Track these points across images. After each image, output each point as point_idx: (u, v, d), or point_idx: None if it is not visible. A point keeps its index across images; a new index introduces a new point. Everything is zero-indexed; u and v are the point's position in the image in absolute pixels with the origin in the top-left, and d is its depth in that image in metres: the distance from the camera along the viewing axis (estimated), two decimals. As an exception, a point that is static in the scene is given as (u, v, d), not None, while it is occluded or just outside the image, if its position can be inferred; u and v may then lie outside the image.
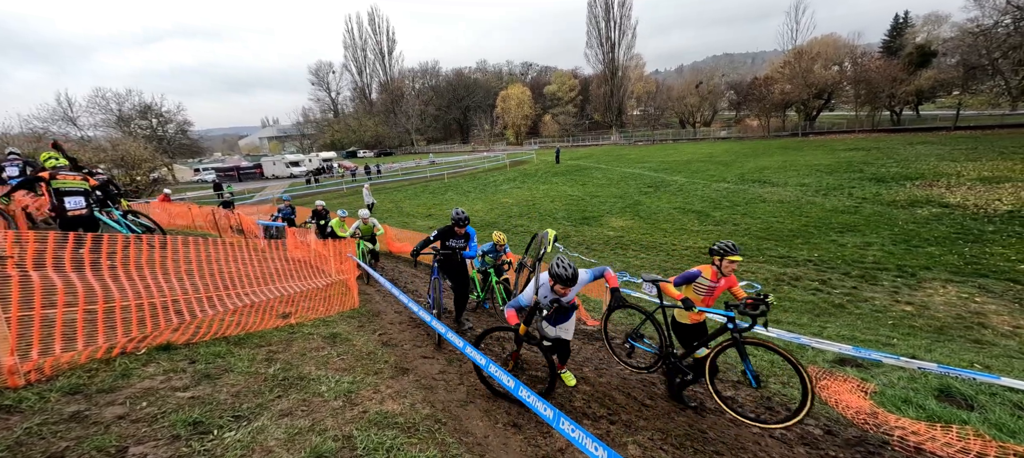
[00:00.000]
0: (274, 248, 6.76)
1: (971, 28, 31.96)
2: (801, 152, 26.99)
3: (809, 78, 39.23)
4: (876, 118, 38.50)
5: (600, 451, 1.43)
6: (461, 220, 5.06)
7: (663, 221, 14.26)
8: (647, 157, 32.94)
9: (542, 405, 1.73)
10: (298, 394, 2.88)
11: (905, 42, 40.99)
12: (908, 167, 18.42)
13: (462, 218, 5.08)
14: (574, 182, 24.07)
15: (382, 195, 25.72)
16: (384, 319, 5.57)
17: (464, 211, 5.13)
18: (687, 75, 66.52)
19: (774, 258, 10.09)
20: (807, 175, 19.05)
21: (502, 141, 67.96)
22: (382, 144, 71.14)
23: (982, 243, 9.63)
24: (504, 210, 18.35)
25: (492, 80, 78.01)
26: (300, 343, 3.95)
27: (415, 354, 4.13)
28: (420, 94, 76.30)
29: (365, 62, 75.46)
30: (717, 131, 49.27)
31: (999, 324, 6.43)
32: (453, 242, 5.27)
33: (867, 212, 12.80)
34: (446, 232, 5.24)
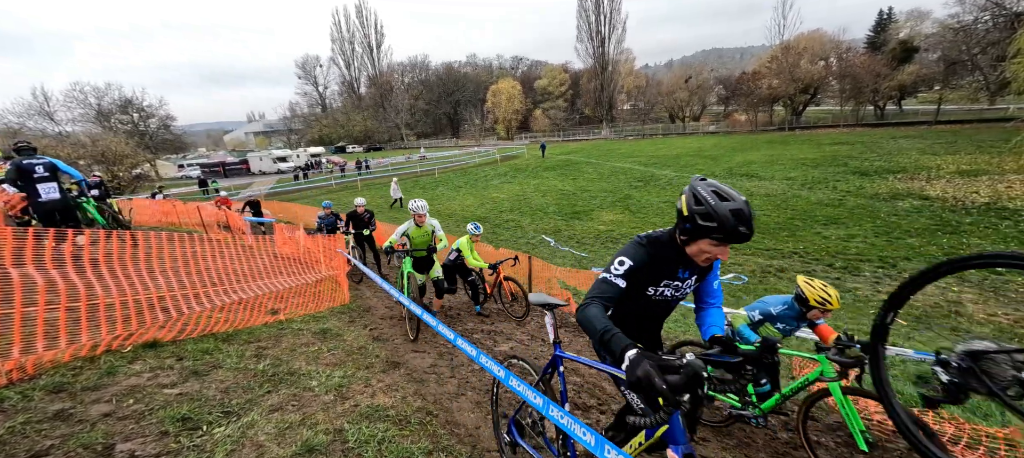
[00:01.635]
0: (262, 244, 6.68)
1: (952, 24, 32.66)
2: (787, 146, 27.40)
3: (795, 73, 39.76)
4: (860, 113, 39.25)
5: (588, 436, 1.46)
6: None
7: (653, 215, 14.40)
8: (637, 151, 33.15)
9: (532, 394, 1.76)
10: (289, 389, 2.87)
11: (889, 38, 41.73)
12: (891, 161, 18.83)
13: None
14: (565, 177, 24.13)
15: (372, 190, 25.50)
16: (375, 314, 5.56)
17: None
18: (676, 70, 66.94)
19: (760, 250, 10.27)
20: (793, 169, 19.37)
21: (493, 136, 67.77)
22: (371, 139, 70.42)
23: (960, 234, 9.92)
24: (495, 205, 18.34)
25: (482, 74, 77.58)
26: (290, 339, 3.93)
27: (406, 348, 4.14)
28: (409, 88, 75.57)
29: (353, 56, 74.52)
30: (706, 126, 49.75)
31: (975, 312, 6.65)
32: None
33: (851, 205, 13.07)
34: None
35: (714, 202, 1.47)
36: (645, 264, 1.64)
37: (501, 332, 5.29)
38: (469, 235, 5.91)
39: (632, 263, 1.62)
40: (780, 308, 2.84)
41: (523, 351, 4.60)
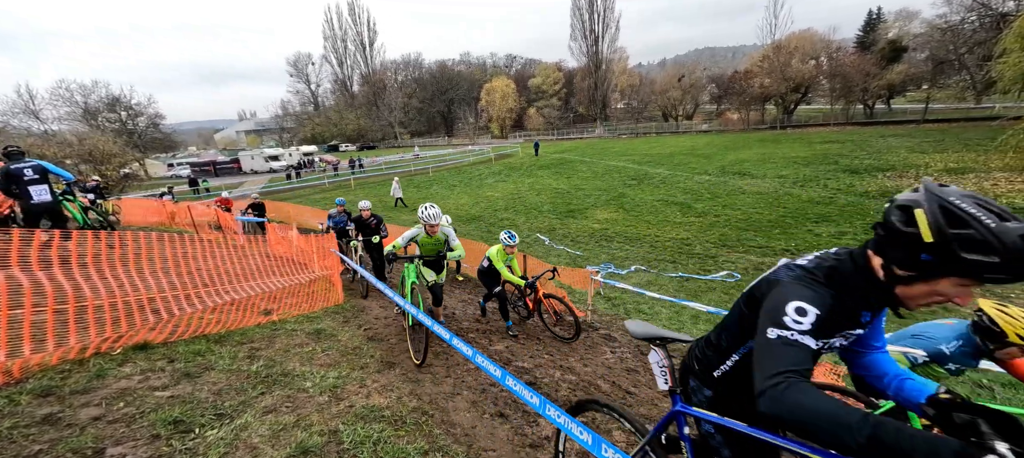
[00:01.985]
0: (254, 244, 6.62)
1: (939, 24, 33.15)
2: (779, 145, 27.66)
3: (787, 72, 40.14)
4: (850, 111, 39.72)
5: (585, 435, 1.46)
6: None
7: (647, 213, 14.46)
8: (631, 150, 33.27)
9: (529, 393, 1.76)
10: (282, 390, 2.85)
11: (878, 37, 42.27)
12: (880, 159, 19.07)
13: None
14: (559, 175, 24.16)
15: (366, 189, 25.35)
16: (369, 314, 5.53)
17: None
18: (669, 68, 67.26)
19: (753, 248, 10.36)
20: (785, 167, 19.55)
21: (487, 134, 67.68)
22: (364, 137, 69.99)
23: (947, 231, 10.07)
24: (489, 203, 18.31)
25: (476, 73, 77.42)
26: (284, 339, 3.89)
27: (401, 348, 4.12)
28: (403, 86, 75.21)
29: (346, 53, 73.96)
30: (699, 124, 50.06)
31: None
32: None
33: (841, 203, 13.23)
34: None
35: (992, 224, 0.94)
36: (830, 310, 1.12)
37: (546, 357, 4.52)
38: (501, 245, 5.11)
39: (818, 312, 1.08)
40: (954, 345, 2.12)
41: (603, 395, 3.58)
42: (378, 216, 7.18)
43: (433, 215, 4.26)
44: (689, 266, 9.55)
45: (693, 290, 7.86)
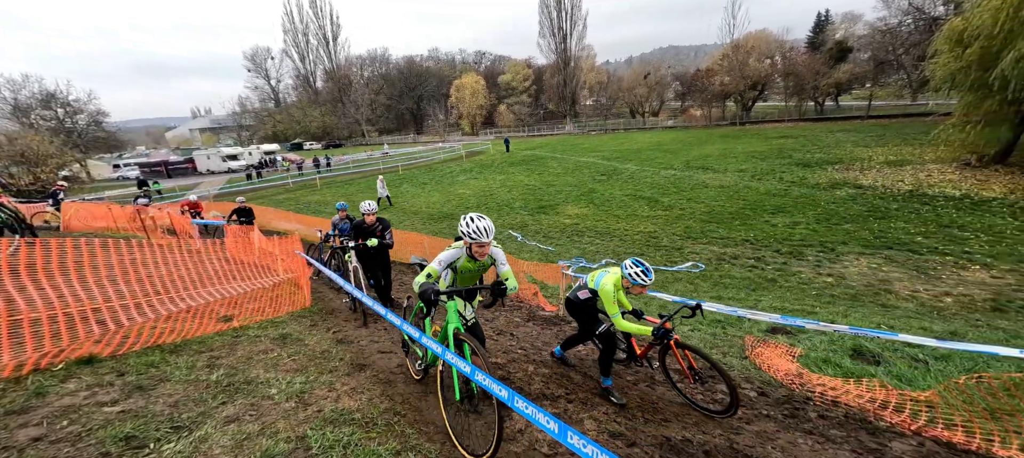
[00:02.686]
0: (212, 248, 6.31)
1: (880, 26, 35.57)
2: (739, 140, 28.92)
3: (745, 70, 41.94)
4: (803, 108, 42.02)
5: (552, 424, 1.49)
6: None
7: (616, 208, 14.80)
8: (600, 146, 33.88)
9: (498, 387, 1.77)
10: (245, 399, 2.74)
11: (826, 38, 44.83)
12: (829, 153, 20.32)
13: None
14: (531, 172, 24.30)
15: (334, 189, 24.59)
16: (339, 316, 5.38)
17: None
18: (636, 66, 68.81)
19: (716, 239, 10.81)
20: (744, 162, 20.48)
21: (457, 131, 67.08)
22: (330, 135, 67.77)
23: (888, 219, 10.89)
24: (461, 201, 18.20)
25: (445, 69, 76.45)
26: (246, 346, 3.74)
27: (372, 349, 4.04)
28: (370, 83, 73.25)
29: (307, 48, 71.15)
30: (664, 120, 51.56)
31: (901, 289, 7.34)
32: None
33: (795, 194, 14.01)
34: None
35: None
36: None
37: (519, 352, 4.21)
38: (619, 276, 3.30)
39: None
40: None
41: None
42: (384, 220, 5.78)
43: (483, 229, 2.76)
44: (656, 258, 9.85)
45: (660, 281, 8.12)
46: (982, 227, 9.77)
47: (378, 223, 5.71)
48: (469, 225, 2.76)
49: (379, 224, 5.71)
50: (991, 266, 7.81)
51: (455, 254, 2.95)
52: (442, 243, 8.58)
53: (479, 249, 2.82)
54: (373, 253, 5.68)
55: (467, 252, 2.89)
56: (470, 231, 2.75)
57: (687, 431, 2.95)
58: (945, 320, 5.95)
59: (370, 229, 5.62)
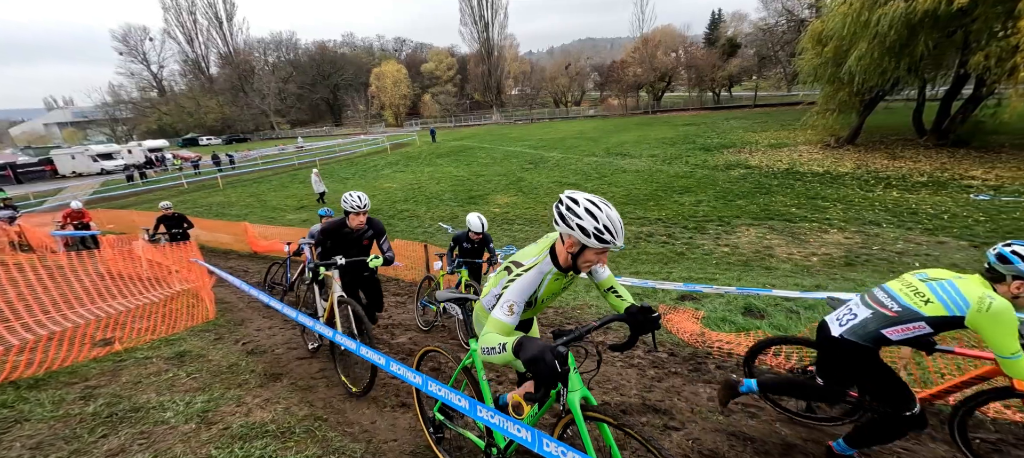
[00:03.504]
0: (81, 263, 5.39)
1: (761, 25, 40.58)
2: (652, 128, 31.33)
3: (654, 63, 45.36)
4: (703, 98, 46.69)
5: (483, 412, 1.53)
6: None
7: (544, 195, 15.27)
8: (527, 135, 34.55)
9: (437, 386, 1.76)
10: (133, 428, 2.41)
11: (720, 35, 50.07)
12: (725, 138, 22.87)
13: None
14: (459, 163, 24.05)
15: (239, 189, 22.15)
16: (250, 326, 4.92)
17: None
18: (557, 57, 71.01)
19: (633, 220, 11.68)
20: (656, 148, 22.27)
21: (380, 122, 63.98)
22: (232, 128, 60.74)
23: (770, 194, 12.61)
24: (387, 195, 17.48)
25: (362, 56, 72.21)
26: (132, 370, 3.27)
27: (289, 357, 3.77)
28: (276, 69, 66.66)
29: (195, 29, 62.62)
30: (586, 110, 54.02)
31: (780, 253, 8.59)
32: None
33: (699, 176, 15.60)
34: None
35: None
36: None
37: (452, 342, 4.27)
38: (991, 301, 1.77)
39: None
40: None
41: None
42: (376, 222, 3.81)
43: (615, 223, 1.53)
44: (582, 241, 10.39)
45: (585, 262, 8.58)
46: (838, 197, 11.73)
47: (369, 228, 3.72)
48: (593, 213, 1.50)
49: (370, 229, 3.74)
50: (844, 229, 9.43)
51: (536, 277, 1.64)
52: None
53: (597, 257, 1.62)
54: (367, 275, 3.99)
55: (558, 265, 1.67)
56: (599, 225, 1.49)
57: (607, 396, 3.19)
58: (812, 276, 7.09)
59: (357, 236, 3.69)
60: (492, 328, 1.51)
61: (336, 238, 3.61)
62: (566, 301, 5.79)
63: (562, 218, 1.53)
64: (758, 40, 42.05)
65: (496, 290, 1.72)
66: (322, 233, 3.61)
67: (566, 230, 1.52)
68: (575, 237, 1.50)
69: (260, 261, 9.12)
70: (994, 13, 12.00)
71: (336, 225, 3.56)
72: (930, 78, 16.47)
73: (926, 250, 7.92)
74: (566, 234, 1.54)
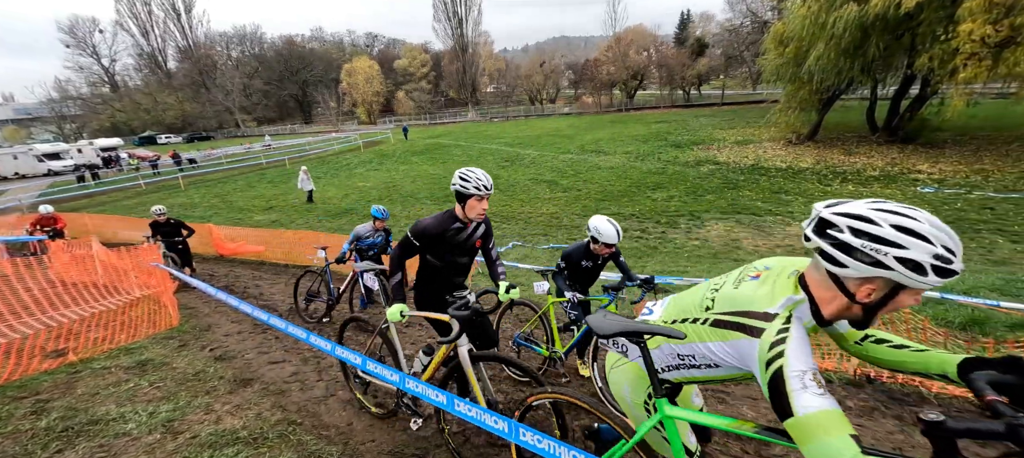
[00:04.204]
0: (28, 270, 5.05)
1: (728, 26, 41.99)
2: (625, 125, 31.92)
3: (626, 61, 46.17)
4: (674, 96, 47.89)
5: (462, 406, 1.54)
6: None
7: (520, 192, 15.32)
8: (502, 133, 34.54)
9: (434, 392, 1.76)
10: (90, 441, 2.29)
11: (689, 35, 51.47)
12: (695, 135, 23.57)
13: None
14: (434, 161, 23.81)
15: (203, 189, 21.18)
16: (218, 331, 4.74)
17: None
18: (532, 54, 71.21)
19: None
20: (629, 145, 22.72)
21: (353, 120, 62.48)
22: (193, 126, 57.93)
23: (737, 189, 13.10)
24: (362, 194, 17.12)
25: (333, 51, 70.24)
26: (89, 381, 3.10)
27: (261, 361, 3.66)
28: (240, 64, 63.97)
29: (151, 21, 59.33)
30: (561, 108, 54.47)
31: (747, 245, 8.96)
32: None
33: (670, 172, 16.02)
34: None
35: None
36: None
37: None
38: None
39: None
40: None
41: None
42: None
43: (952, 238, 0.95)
44: (559, 237, 10.50)
45: (562, 258, 8.70)
46: (799, 191, 12.32)
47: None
48: (917, 232, 0.93)
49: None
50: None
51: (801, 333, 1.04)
52: (342, 240, 8.03)
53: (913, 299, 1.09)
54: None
55: (819, 317, 1.11)
56: (938, 248, 0.91)
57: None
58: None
59: (468, 236, 2.62)
60: (832, 425, 0.89)
61: (434, 243, 2.33)
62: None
63: (846, 249, 0.97)
64: (725, 40, 43.49)
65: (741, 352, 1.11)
66: (418, 234, 2.28)
67: (864, 269, 0.96)
68: (888, 276, 0.94)
69: (226, 264, 8.79)
70: (937, 18, 12.85)
71: (441, 221, 2.31)
72: (881, 78, 17.48)
73: (878, 240, 8.45)
74: (864, 273, 0.96)
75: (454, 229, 2.33)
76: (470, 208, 2.28)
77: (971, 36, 11.79)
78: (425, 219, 2.32)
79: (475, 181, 2.23)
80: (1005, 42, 11.73)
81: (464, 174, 2.26)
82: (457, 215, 2.34)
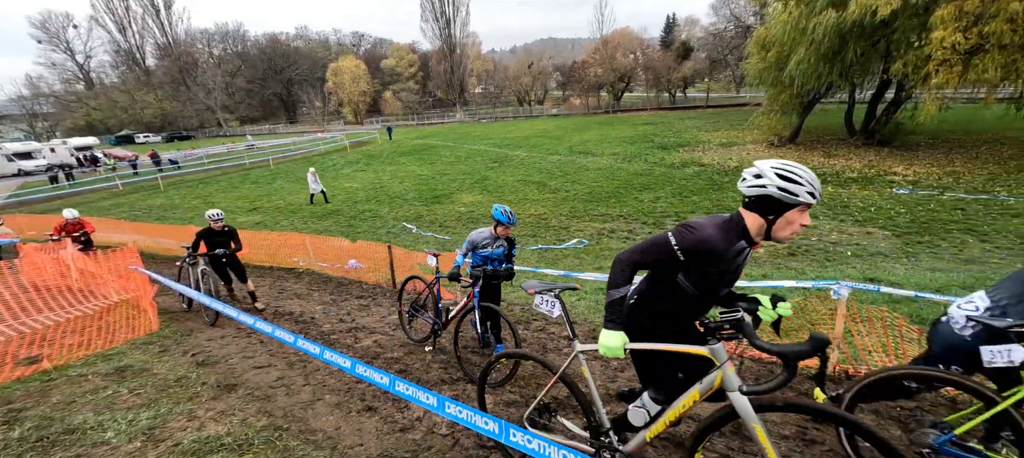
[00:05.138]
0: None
1: (712, 30, 42.75)
2: (612, 127, 32.22)
3: (614, 64, 46.65)
4: (660, 98, 48.56)
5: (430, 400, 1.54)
6: None
7: (509, 193, 15.34)
8: (491, 134, 34.52)
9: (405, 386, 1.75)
10: (67, 451, 2.22)
11: (674, 38, 52.22)
12: (680, 137, 23.92)
13: None
14: (422, 161, 23.67)
15: (183, 190, 20.68)
16: (200, 336, 4.63)
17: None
18: (520, 56, 71.35)
19: (597, 216, 11.99)
20: (617, 146, 22.94)
21: (339, 119, 61.74)
22: (173, 125, 56.50)
23: (722, 190, 13.34)
24: (348, 195, 16.93)
25: (318, 50, 69.31)
26: (64, 389, 3.00)
27: (246, 366, 3.59)
28: (222, 62, 62.65)
29: (129, 17, 57.71)
30: (549, 109, 54.71)
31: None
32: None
33: (657, 173, 16.23)
34: None
35: None
36: None
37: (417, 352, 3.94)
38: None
39: None
40: None
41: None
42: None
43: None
44: (547, 238, 10.55)
45: (551, 259, 8.74)
46: (782, 192, 12.63)
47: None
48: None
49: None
50: (787, 222, 10.18)
51: None
52: (325, 243, 7.93)
53: None
54: None
55: None
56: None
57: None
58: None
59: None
60: None
61: (707, 264, 1.71)
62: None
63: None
64: (709, 44, 44.25)
65: None
66: (693, 248, 1.65)
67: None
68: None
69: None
70: (911, 25, 13.31)
71: (726, 233, 1.66)
72: (859, 83, 18.02)
73: (857, 240, 8.68)
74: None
75: (738, 249, 1.65)
76: (786, 224, 1.55)
77: (943, 43, 12.23)
78: (702, 223, 1.64)
79: (809, 185, 1.49)
80: (974, 49, 12.20)
81: (788, 171, 1.51)
82: (746, 230, 1.63)
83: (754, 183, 1.56)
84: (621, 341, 1.64)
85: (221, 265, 5.70)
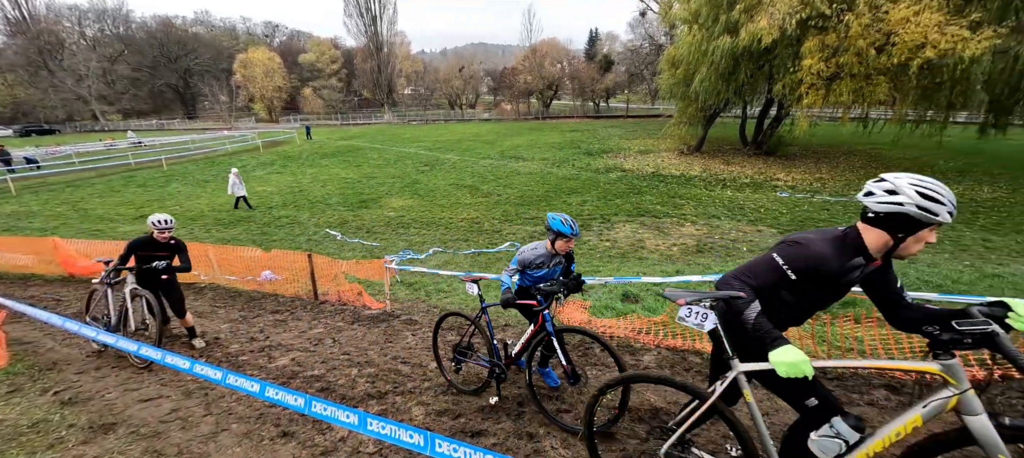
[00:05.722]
0: None
1: (630, 46, 46.18)
2: (542, 133, 33.26)
3: (542, 72, 48.32)
4: (585, 107, 51.26)
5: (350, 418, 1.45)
6: None
7: (441, 197, 15.08)
8: (422, 137, 33.73)
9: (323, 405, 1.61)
10: None
11: (597, 51, 55.51)
12: (604, 144, 25.44)
13: None
14: (348, 164, 22.37)
15: (45, 195, 17.29)
16: (67, 370, 3.88)
17: None
18: (451, 59, 70.75)
19: (528, 220, 12.26)
20: (547, 151, 23.72)
21: (250, 117, 56.03)
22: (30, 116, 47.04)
23: (640, 194, 14.43)
24: (262, 200, 15.39)
25: (223, 38, 62.43)
26: None
27: (128, 400, 3.08)
28: (98, 45, 53.63)
29: (-34, -17, 47.00)
30: (481, 113, 54.98)
31: (650, 246, 9.90)
32: None
33: (584, 178, 17.07)
34: None
35: None
36: None
37: (342, 357, 3.94)
38: None
39: None
40: None
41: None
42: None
43: None
44: (480, 242, 10.54)
45: (484, 263, 8.74)
46: (690, 196, 13.97)
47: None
48: None
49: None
50: (695, 222, 11.28)
51: None
52: (233, 253, 7.13)
53: None
54: None
55: None
56: None
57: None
58: (673, 262, 8.32)
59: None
60: None
61: (815, 285, 1.66)
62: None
63: None
64: (627, 59, 47.78)
65: None
66: (806, 266, 1.60)
67: None
68: None
69: (78, 286, 7.25)
70: (787, 53, 15.59)
71: (839, 251, 1.60)
72: (749, 100, 20.69)
73: (751, 237, 9.90)
74: None
75: (852, 266, 1.54)
76: (916, 242, 1.48)
77: (810, 70, 14.51)
78: (810, 238, 1.58)
79: (949, 204, 1.41)
80: (833, 76, 14.63)
81: (929, 189, 1.42)
82: (864, 247, 1.55)
83: (887, 199, 1.45)
84: (802, 356, 1.40)
85: (155, 286, 4.28)
